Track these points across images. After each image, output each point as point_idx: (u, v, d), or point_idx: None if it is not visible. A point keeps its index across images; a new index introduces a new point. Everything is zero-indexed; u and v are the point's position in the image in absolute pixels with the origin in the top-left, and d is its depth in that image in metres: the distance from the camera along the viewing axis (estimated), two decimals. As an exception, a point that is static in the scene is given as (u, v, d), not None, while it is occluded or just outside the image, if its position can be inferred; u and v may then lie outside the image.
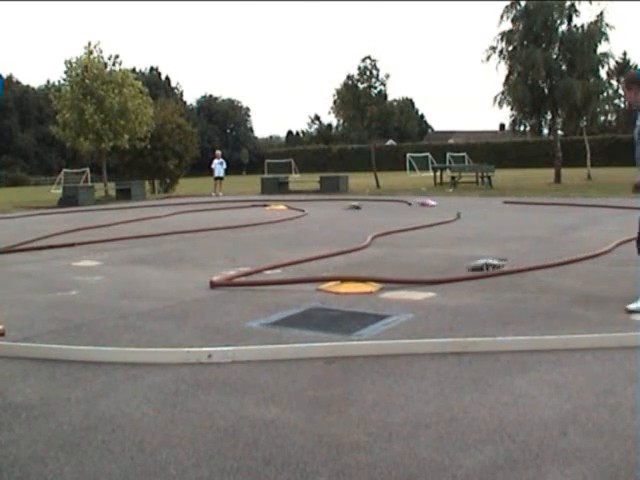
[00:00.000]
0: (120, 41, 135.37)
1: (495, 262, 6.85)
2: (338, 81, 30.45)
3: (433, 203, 18.02)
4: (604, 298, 5.81)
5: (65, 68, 26.72)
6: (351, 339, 4.71)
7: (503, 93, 28.95)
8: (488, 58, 28.59)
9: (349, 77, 29.04)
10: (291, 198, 21.97)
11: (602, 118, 32.34)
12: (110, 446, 3.04)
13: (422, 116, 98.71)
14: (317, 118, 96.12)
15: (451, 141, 72.12)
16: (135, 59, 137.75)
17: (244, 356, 4.29)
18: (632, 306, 5.19)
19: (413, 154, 50.06)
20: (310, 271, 7.51)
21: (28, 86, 75.96)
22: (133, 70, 33.45)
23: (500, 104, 29.11)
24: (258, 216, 15.45)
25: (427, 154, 48.24)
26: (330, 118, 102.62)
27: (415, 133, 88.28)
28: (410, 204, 18.43)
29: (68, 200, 22.78)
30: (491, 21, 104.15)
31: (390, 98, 32.56)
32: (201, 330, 5.08)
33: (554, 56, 28.29)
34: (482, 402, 3.49)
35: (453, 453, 2.90)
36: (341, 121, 33.04)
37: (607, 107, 31.31)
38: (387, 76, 29.11)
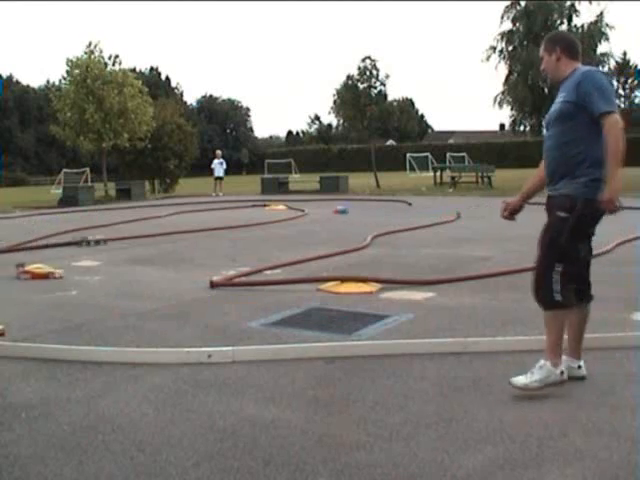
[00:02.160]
0: (120, 41, 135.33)
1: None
2: (338, 81, 30.39)
3: (341, 208, 16.17)
4: (604, 298, 5.77)
5: (67, 67, 26.77)
6: (351, 339, 4.71)
7: (503, 93, 29.05)
8: (488, 58, 28.75)
9: (349, 77, 29.01)
10: (291, 198, 21.96)
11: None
12: (110, 446, 3.05)
13: (422, 116, 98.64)
14: (317, 118, 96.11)
15: (451, 141, 72.09)
16: (135, 59, 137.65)
17: (244, 356, 4.30)
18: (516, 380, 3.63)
19: (413, 154, 50.05)
20: (310, 271, 7.50)
21: (28, 86, 75.92)
22: (133, 70, 33.47)
23: (500, 104, 29.25)
24: (258, 216, 15.45)
25: (427, 154, 48.23)
26: (330, 118, 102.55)
27: (415, 133, 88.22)
28: (410, 204, 18.42)
29: (68, 200, 22.77)
30: (491, 21, 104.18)
31: (390, 98, 32.59)
32: (201, 330, 5.08)
33: (554, 56, 28.29)
34: (482, 402, 3.49)
35: (453, 453, 2.90)
36: (341, 121, 33.02)
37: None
38: (387, 76, 29.09)
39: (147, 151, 30.21)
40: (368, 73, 28.81)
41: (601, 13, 27.78)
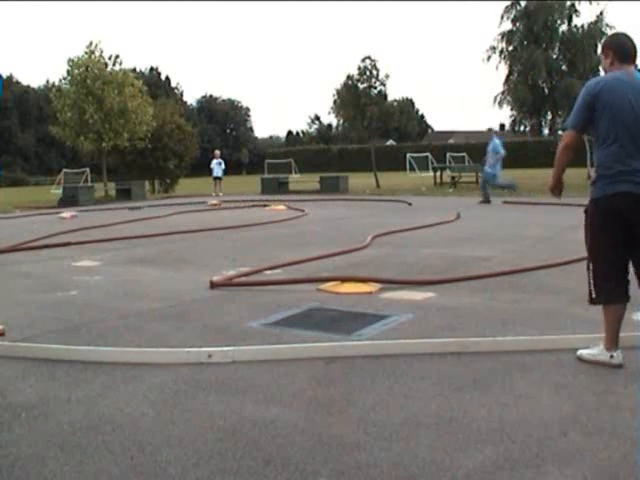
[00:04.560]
0: (120, 41, 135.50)
1: None
2: (338, 81, 30.41)
3: (67, 215, 16.13)
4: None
5: (68, 67, 26.76)
6: (351, 339, 4.71)
7: (503, 93, 29.03)
8: (488, 58, 28.68)
9: (349, 77, 29.02)
10: (291, 198, 21.96)
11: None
12: (110, 446, 3.04)
13: (422, 116, 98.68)
14: (317, 118, 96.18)
15: (451, 141, 72.08)
16: (135, 59, 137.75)
17: (244, 356, 4.29)
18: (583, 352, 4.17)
19: (413, 154, 50.02)
20: (310, 271, 7.50)
21: (28, 86, 75.91)
22: (133, 70, 33.47)
23: (500, 104, 29.22)
24: (258, 216, 15.45)
25: (427, 154, 48.22)
26: (330, 118, 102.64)
27: (415, 133, 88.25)
28: (410, 204, 18.41)
29: (68, 200, 22.76)
30: (491, 21, 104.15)
31: (390, 98, 32.62)
32: (201, 330, 5.08)
33: (554, 56, 28.31)
34: (482, 402, 3.49)
35: (453, 453, 2.90)
36: (341, 121, 33.03)
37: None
38: (387, 76, 29.10)
39: (147, 151, 30.22)
40: (368, 73, 28.81)
41: (601, 13, 27.72)
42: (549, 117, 29.88)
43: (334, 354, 4.32)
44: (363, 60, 28.81)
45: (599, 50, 4.27)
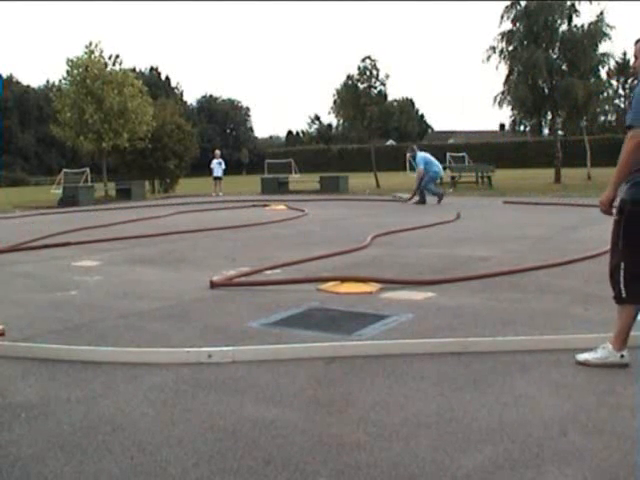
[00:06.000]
0: (120, 41, 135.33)
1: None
2: (338, 81, 30.40)
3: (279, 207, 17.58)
4: (604, 298, 5.78)
5: (67, 67, 26.76)
6: (351, 339, 4.71)
7: (503, 93, 28.94)
8: (488, 58, 28.58)
9: (349, 77, 29.00)
10: (291, 198, 21.96)
11: (602, 118, 32.30)
12: (110, 446, 3.04)
13: (422, 116, 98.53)
14: (317, 118, 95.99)
15: (451, 141, 72.07)
16: (135, 59, 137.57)
17: (244, 356, 4.30)
18: (580, 355, 4.14)
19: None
20: (310, 271, 7.50)
21: (28, 86, 75.86)
22: (133, 70, 33.47)
23: (500, 104, 29.10)
24: (258, 216, 15.46)
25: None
26: (330, 118, 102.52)
27: (415, 133, 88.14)
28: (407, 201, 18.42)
29: (68, 200, 22.77)
30: (491, 21, 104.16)
31: (390, 98, 32.57)
32: (201, 330, 5.08)
33: (554, 56, 28.26)
34: (482, 402, 3.49)
35: (453, 453, 2.90)
36: (341, 121, 32.97)
37: (607, 107, 31.30)
38: (387, 76, 29.08)
39: (147, 151, 30.23)
40: (368, 73, 28.79)
41: (601, 13, 27.61)
42: (549, 117, 29.80)
43: (334, 354, 4.32)
44: (363, 60, 28.79)
45: (633, 50, 3.94)
